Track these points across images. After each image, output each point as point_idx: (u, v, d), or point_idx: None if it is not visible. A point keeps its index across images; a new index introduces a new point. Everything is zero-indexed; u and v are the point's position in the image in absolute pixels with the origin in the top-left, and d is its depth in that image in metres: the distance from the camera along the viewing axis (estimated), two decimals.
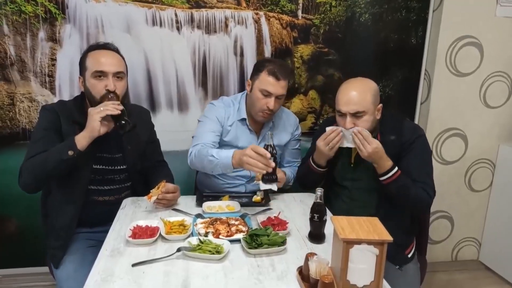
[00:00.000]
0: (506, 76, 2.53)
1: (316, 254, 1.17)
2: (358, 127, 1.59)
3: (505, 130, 2.62)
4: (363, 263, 1.08)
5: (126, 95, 1.68)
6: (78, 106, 1.66)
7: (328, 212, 1.48)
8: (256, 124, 1.92)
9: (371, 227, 1.12)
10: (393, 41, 2.41)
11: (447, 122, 2.55)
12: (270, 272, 1.24)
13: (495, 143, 2.63)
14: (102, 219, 1.64)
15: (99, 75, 1.57)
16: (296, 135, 2.03)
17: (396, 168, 1.59)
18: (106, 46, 1.64)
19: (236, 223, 1.48)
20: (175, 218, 1.53)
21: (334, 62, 2.39)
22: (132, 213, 1.62)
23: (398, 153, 1.64)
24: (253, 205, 1.73)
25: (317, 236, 1.43)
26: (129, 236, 1.38)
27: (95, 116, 1.47)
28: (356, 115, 1.60)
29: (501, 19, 2.42)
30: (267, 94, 1.79)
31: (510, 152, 2.57)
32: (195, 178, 2.15)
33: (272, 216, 1.54)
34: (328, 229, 1.38)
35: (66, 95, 2.12)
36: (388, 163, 1.59)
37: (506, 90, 2.56)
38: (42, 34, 2.05)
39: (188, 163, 1.82)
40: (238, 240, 1.37)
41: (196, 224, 1.48)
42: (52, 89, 2.12)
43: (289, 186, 1.97)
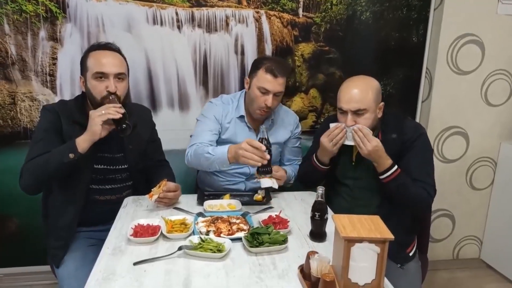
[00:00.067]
0: (507, 74, 2.52)
1: (317, 253, 1.17)
2: (359, 124, 1.59)
3: (506, 128, 2.62)
4: (365, 262, 1.08)
5: (127, 94, 1.68)
6: (79, 106, 1.65)
7: (329, 211, 1.48)
8: (254, 121, 1.92)
9: (373, 226, 1.12)
10: (394, 39, 2.41)
11: (448, 120, 2.55)
12: (271, 270, 1.24)
13: (497, 141, 2.63)
14: (104, 218, 1.64)
15: (100, 76, 1.56)
16: (296, 133, 2.03)
17: (395, 166, 1.59)
18: (108, 46, 1.63)
19: (237, 221, 1.49)
20: (177, 216, 1.53)
21: (335, 60, 2.38)
22: (134, 211, 1.62)
23: (399, 151, 1.64)
24: (254, 203, 1.72)
25: (318, 235, 1.43)
26: (130, 235, 1.38)
27: (96, 120, 1.46)
28: (357, 112, 1.60)
29: (502, 16, 2.41)
30: (265, 92, 1.79)
31: (511, 150, 2.57)
32: (196, 176, 2.15)
33: (273, 215, 1.54)
34: (329, 227, 1.38)
35: (67, 94, 2.13)
36: (388, 161, 1.59)
37: (507, 88, 2.55)
38: (43, 33, 2.05)
39: (185, 162, 1.83)
40: (239, 239, 1.38)
41: (197, 222, 1.48)
42: (53, 88, 2.12)
43: (290, 184, 1.97)
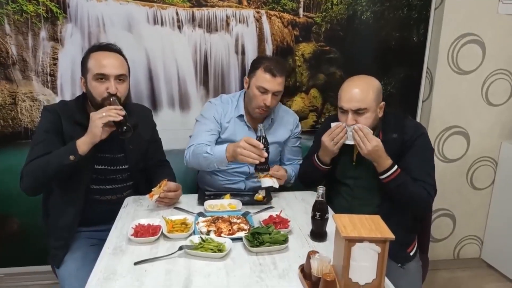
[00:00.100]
0: (508, 74, 2.52)
1: (318, 252, 1.17)
2: (359, 124, 1.59)
3: (507, 128, 2.61)
4: (365, 261, 1.08)
5: (128, 95, 1.68)
6: (79, 107, 1.65)
7: (330, 210, 1.48)
8: (254, 120, 1.92)
9: (373, 225, 1.12)
10: (394, 39, 2.41)
11: (449, 120, 2.55)
12: (272, 270, 1.24)
13: (497, 141, 2.62)
14: (104, 218, 1.63)
15: (101, 77, 1.56)
16: (296, 133, 2.03)
17: (395, 167, 1.59)
18: (109, 47, 1.63)
19: (238, 221, 1.49)
20: (177, 216, 1.53)
21: (336, 60, 2.38)
22: (134, 211, 1.62)
23: (399, 151, 1.64)
24: (254, 203, 1.73)
25: (319, 234, 1.43)
26: (131, 235, 1.38)
27: (97, 122, 1.46)
28: (358, 112, 1.60)
29: (503, 16, 2.41)
30: (264, 91, 1.80)
31: None
32: (197, 176, 2.15)
33: (274, 214, 1.54)
34: (330, 227, 1.38)
35: (68, 94, 2.13)
36: (387, 162, 1.59)
37: (508, 88, 2.55)
38: (43, 34, 2.05)
39: (184, 163, 1.85)
40: (240, 239, 1.38)
41: (198, 222, 1.48)
42: (54, 88, 2.12)
43: (290, 184, 1.97)
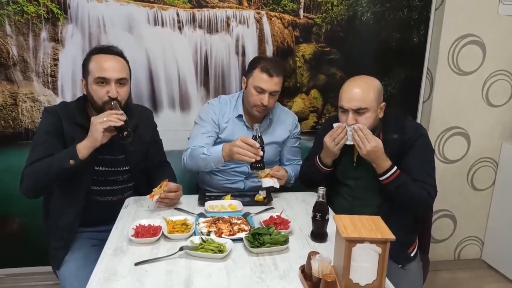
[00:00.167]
0: (508, 75, 2.52)
1: (318, 253, 1.17)
2: (359, 124, 1.59)
3: (507, 129, 2.61)
4: (366, 262, 1.08)
5: (128, 97, 1.67)
6: (80, 108, 1.65)
7: (330, 211, 1.48)
8: (252, 120, 1.93)
9: (374, 226, 1.12)
10: (395, 40, 2.41)
11: (449, 121, 2.55)
12: (273, 271, 1.24)
13: (498, 141, 2.62)
14: (105, 218, 1.63)
15: (102, 81, 1.55)
16: (295, 133, 2.04)
17: (394, 168, 1.59)
18: (110, 50, 1.62)
19: (239, 222, 1.49)
20: (178, 217, 1.53)
21: (336, 61, 2.38)
22: (135, 212, 1.62)
23: (400, 151, 1.64)
24: (255, 204, 1.73)
25: (319, 235, 1.43)
26: (131, 235, 1.38)
27: (97, 127, 1.46)
28: (358, 111, 1.60)
29: (503, 17, 2.41)
30: (261, 91, 1.81)
31: None
32: (197, 177, 2.15)
33: (275, 215, 1.54)
34: (331, 228, 1.38)
35: (69, 95, 2.13)
36: (387, 163, 1.59)
37: (508, 88, 2.55)
38: (44, 34, 2.06)
39: (182, 166, 1.87)
40: (241, 239, 1.38)
41: (198, 223, 1.48)
42: (54, 89, 2.13)
43: (290, 184, 1.97)
